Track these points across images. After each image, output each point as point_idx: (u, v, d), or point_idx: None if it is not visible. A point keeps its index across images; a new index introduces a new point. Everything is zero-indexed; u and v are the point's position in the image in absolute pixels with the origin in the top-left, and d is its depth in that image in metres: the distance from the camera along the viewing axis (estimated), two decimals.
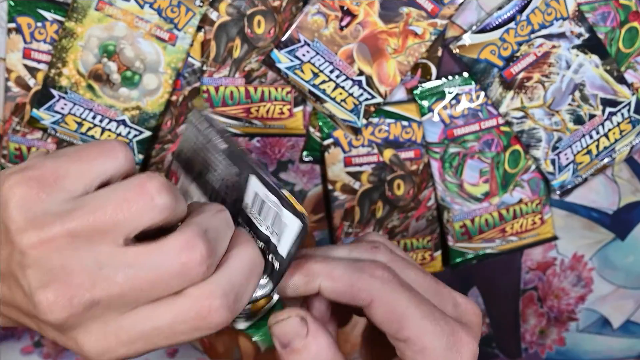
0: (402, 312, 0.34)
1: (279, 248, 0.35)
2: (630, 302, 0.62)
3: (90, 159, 0.30)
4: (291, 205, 0.34)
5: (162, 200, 0.29)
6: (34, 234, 0.29)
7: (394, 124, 0.53)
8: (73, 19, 0.48)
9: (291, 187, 0.56)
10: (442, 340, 0.34)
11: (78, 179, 0.30)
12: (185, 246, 0.30)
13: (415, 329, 0.34)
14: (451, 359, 0.34)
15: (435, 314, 0.35)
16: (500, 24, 0.51)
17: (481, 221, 0.56)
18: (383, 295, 0.35)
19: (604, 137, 0.54)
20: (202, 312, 0.30)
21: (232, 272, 0.31)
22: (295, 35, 0.50)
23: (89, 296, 0.29)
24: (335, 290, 0.35)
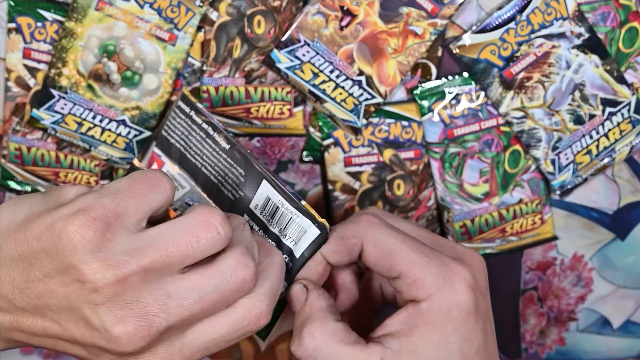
0: (390, 248, 0.37)
1: (295, 251, 0.38)
2: (630, 302, 0.62)
3: (143, 194, 0.33)
4: (311, 215, 0.37)
5: (225, 232, 0.33)
6: (110, 274, 0.31)
7: (394, 124, 0.53)
8: (73, 19, 0.48)
9: (291, 187, 0.56)
10: (433, 271, 0.36)
11: (135, 215, 0.32)
12: (238, 266, 0.33)
13: (405, 262, 0.36)
14: (444, 291, 0.35)
15: (424, 249, 0.37)
16: (500, 24, 0.51)
17: (481, 221, 0.56)
18: (370, 235, 0.37)
19: (604, 137, 0.54)
20: (254, 319, 0.34)
21: (271, 279, 0.35)
22: (295, 35, 0.50)
23: (163, 324, 0.32)
24: (331, 248, 0.38)
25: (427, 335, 0.35)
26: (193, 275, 0.33)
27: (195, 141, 0.42)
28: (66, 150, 0.53)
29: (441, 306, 0.35)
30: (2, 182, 0.53)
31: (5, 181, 0.53)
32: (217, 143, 0.41)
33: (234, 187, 0.41)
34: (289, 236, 0.39)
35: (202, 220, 0.32)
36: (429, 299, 0.35)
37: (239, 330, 0.34)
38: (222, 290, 0.33)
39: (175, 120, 0.44)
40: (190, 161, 0.43)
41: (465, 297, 0.35)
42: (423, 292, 0.36)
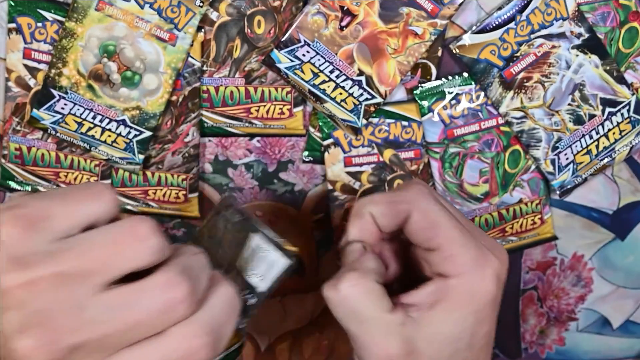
0: (436, 219, 0.37)
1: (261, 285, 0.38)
2: (630, 302, 0.62)
3: (77, 201, 0.30)
4: (283, 248, 0.37)
5: (153, 242, 0.29)
6: (18, 275, 0.28)
7: (394, 124, 0.53)
8: (73, 19, 0.48)
9: (291, 187, 0.56)
10: (470, 252, 0.37)
11: (64, 220, 0.29)
12: (167, 284, 0.29)
13: (446, 236, 0.37)
14: (475, 273, 0.37)
15: (465, 229, 0.38)
16: (500, 24, 0.51)
17: (481, 221, 0.56)
18: (419, 203, 0.38)
19: (604, 137, 0.54)
20: (187, 351, 0.30)
21: (214, 310, 0.31)
22: (295, 35, 0.50)
23: (70, 341, 0.28)
24: (380, 210, 0.38)
25: (449, 310, 0.37)
26: (114, 291, 0.29)
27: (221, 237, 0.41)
28: (66, 151, 0.53)
29: (469, 286, 0.37)
30: (2, 182, 0.53)
31: (6, 181, 0.53)
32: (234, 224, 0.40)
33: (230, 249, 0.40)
34: (256, 273, 0.38)
35: (128, 227, 0.29)
36: (459, 276, 0.37)
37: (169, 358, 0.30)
38: (144, 312, 0.29)
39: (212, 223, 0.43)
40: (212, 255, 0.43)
41: (491, 286, 0.37)
42: (456, 269, 0.37)
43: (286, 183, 0.56)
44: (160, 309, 0.29)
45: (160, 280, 0.29)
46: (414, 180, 0.41)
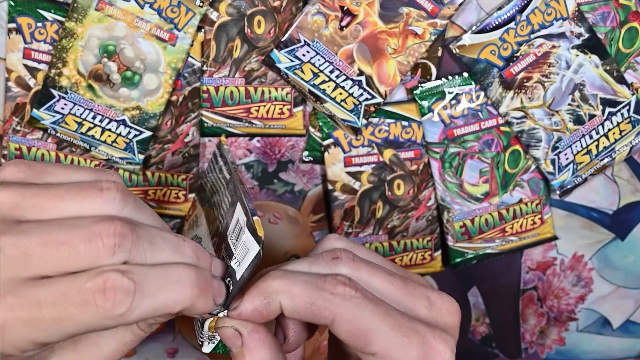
0: (367, 327, 0.33)
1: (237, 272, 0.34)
2: (630, 302, 0.62)
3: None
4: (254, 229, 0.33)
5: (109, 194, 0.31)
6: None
7: (394, 124, 0.53)
8: (73, 19, 0.48)
9: (291, 187, 0.56)
10: (412, 353, 0.33)
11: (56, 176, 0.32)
12: (102, 219, 0.29)
13: (382, 343, 0.33)
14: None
15: (404, 325, 0.34)
16: (500, 24, 0.51)
17: (481, 221, 0.56)
18: (345, 312, 0.33)
19: (604, 137, 0.54)
20: (98, 284, 0.28)
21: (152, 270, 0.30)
22: (295, 35, 0.50)
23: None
24: (296, 309, 0.33)
25: None
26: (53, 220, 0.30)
27: (215, 181, 0.42)
28: (66, 151, 0.53)
29: None
30: None
31: None
32: (224, 176, 0.40)
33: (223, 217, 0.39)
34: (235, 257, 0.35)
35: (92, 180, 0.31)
36: None
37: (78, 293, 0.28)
38: (70, 233, 0.29)
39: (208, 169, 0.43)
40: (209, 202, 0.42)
41: None
42: None
43: (286, 183, 0.56)
44: (85, 236, 0.29)
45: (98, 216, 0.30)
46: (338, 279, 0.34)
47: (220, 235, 0.38)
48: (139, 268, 0.29)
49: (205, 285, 0.32)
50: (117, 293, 0.28)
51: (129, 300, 0.29)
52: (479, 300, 0.61)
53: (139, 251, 0.30)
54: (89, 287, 0.28)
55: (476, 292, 0.61)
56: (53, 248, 0.29)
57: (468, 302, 0.61)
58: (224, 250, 0.37)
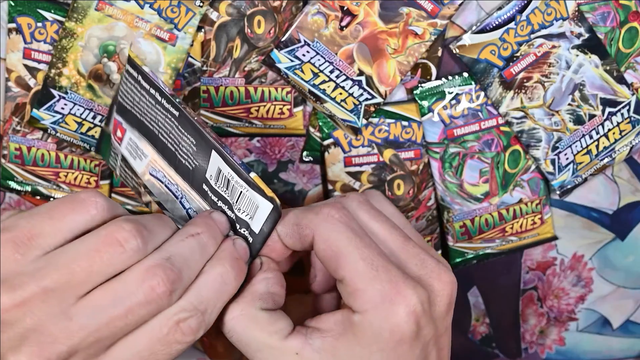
0: (340, 250, 0.34)
1: (252, 225, 0.36)
2: (630, 302, 0.62)
3: (62, 215, 0.32)
4: (260, 189, 0.34)
5: (132, 245, 0.31)
6: (8, 297, 0.29)
7: (394, 124, 0.53)
8: (73, 19, 0.48)
9: (291, 187, 0.56)
10: (376, 287, 0.33)
11: (52, 236, 0.31)
12: (145, 275, 0.31)
13: (349, 269, 0.34)
14: (381, 309, 0.33)
15: (377, 261, 0.34)
16: (500, 24, 0.51)
17: (481, 221, 0.56)
18: (324, 231, 0.35)
19: (604, 137, 0.54)
20: (174, 328, 0.32)
21: (201, 289, 0.33)
22: (295, 35, 0.50)
23: (62, 349, 0.30)
24: (284, 232, 0.36)
25: (351, 346, 0.34)
26: (96, 293, 0.31)
27: (147, 107, 0.39)
28: (66, 150, 0.53)
29: (372, 324, 0.33)
30: (2, 182, 0.53)
31: (6, 181, 0.53)
32: (167, 110, 0.38)
33: (189, 156, 0.38)
34: (243, 210, 0.36)
35: (104, 234, 0.31)
36: (362, 313, 0.34)
37: (160, 342, 0.32)
38: (127, 305, 0.30)
39: (127, 86, 0.41)
40: (147, 127, 0.40)
41: (401, 323, 0.33)
42: (359, 305, 0.34)
43: (286, 183, 0.56)
44: (142, 299, 0.31)
45: (138, 272, 0.31)
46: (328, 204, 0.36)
47: (194, 176, 0.38)
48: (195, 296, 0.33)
49: (239, 266, 0.35)
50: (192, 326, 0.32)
51: (203, 324, 0.33)
52: (479, 300, 0.61)
53: (185, 280, 0.33)
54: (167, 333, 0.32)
55: (476, 292, 0.61)
56: (118, 323, 0.31)
57: (468, 302, 0.61)
58: (210, 193, 0.37)
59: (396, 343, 0.33)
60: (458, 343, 0.63)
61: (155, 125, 0.39)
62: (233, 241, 0.36)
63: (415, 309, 0.33)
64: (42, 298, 0.30)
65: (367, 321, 0.34)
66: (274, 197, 0.34)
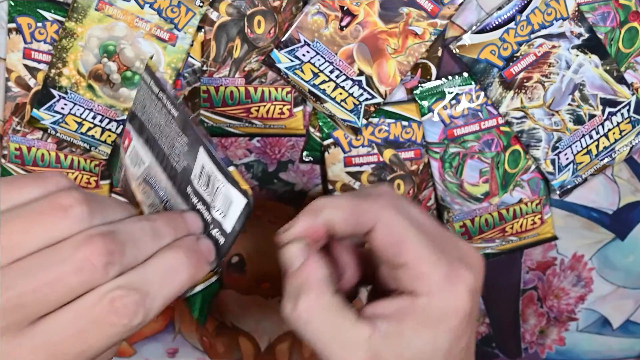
0: (402, 235, 0.35)
1: (224, 224, 0.35)
2: (630, 302, 0.62)
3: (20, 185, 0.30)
4: (235, 182, 0.33)
5: (75, 212, 0.29)
6: None
7: (394, 124, 0.53)
8: (73, 19, 0.48)
9: (291, 187, 0.56)
10: (440, 269, 0.35)
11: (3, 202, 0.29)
12: (81, 242, 0.29)
13: (413, 253, 0.35)
14: (446, 290, 0.35)
15: (435, 244, 0.36)
16: (500, 24, 0.51)
17: (481, 221, 0.56)
18: (385, 217, 0.35)
19: (604, 137, 0.54)
20: (107, 306, 0.29)
21: (146, 270, 0.30)
22: (295, 35, 0.50)
23: None
24: (341, 217, 0.36)
25: (418, 329, 0.35)
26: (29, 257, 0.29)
27: (154, 111, 0.40)
28: (66, 150, 0.53)
29: (439, 306, 0.35)
30: None
31: None
32: (169, 111, 0.38)
33: (180, 157, 0.38)
34: (218, 208, 0.35)
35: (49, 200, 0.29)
36: (429, 295, 0.35)
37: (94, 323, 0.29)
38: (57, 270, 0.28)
39: (140, 93, 0.41)
40: (150, 132, 0.40)
41: (464, 302, 0.35)
42: (425, 287, 0.35)
43: (286, 183, 0.56)
44: (73, 267, 0.28)
45: (76, 239, 0.29)
46: (383, 188, 0.38)
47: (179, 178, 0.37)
48: (136, 275, 0.30)
49: (196, 259, 0.33)
50: (128, 307, 0.29)
51: (142, 308, 0.29)
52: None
53: (128, 258, 0.30)
54: (99, 312, 0.29)
55: None
56: (46, 290, 0.28)
57: None
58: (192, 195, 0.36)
59: (460, 321, 0.35)
60: None
61: (157, 130, 0.39)
62: (197, 238, 0.35)
63: (472, 287, 0.35)
64: None
65: (434, 303, 0.35)
66: (248, 190, 0.33)
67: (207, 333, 0.60)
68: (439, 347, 0.35)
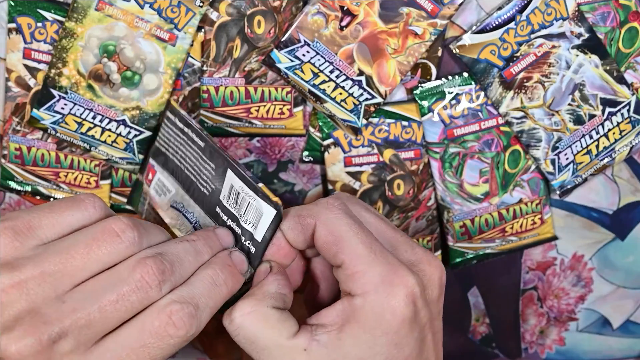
0: (340, 235, 0.36)
1: (256, 234, 0.38)
2: (630, 302, 0.62)
3: (61, 211, 0.33)
4: (266, 196, 0.36)
5: (128, 236, 0.33)
6: (6, 278, 0.31)
7: (394, 124, 0.53)
8: (73, 19, 0.48)
9: (291, 187, 0.56)
10: (376, 269, 0.35)
11: (50, 228, 0.33)
12: (136, 264, 0.32)
13: (349, 252, 0.35)
14: (381, 292, 0.34)
15: (375, 245, 0.35)
16: (500, 24, 0.51)
17: (481, 221, 0.56)
18: (325, 218, 0.36)
19: (604, 137, 0.54)
20: (166, 319, 0.32)
21: (193, 285, 0.34)
22: (295, 35, 0.50)
23: (54, 330, 0.30)
24: (289, 226, 0.37)
25: (357, 333, 0.34)
26: (91, 280, 0.32)
27: (179, 145, 0.44)
28: (66, 150, 0.53)
29: (374, 306, 0.34)
30: (2, 182, 0.53)
31: (6, 181, 0.53)
32: (195, 143, 0.42)
33: (207, 182, 0.41)
34: (249, 221, 0.38)
35: (102, 226, 0.33)
36: (363, 295, 0.34)
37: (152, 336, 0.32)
38: (117, 290, 0.32)
39: (165, 130, 0.46)
40: (176, 164, 0.44)
41: (402, 305, 0.34)
42: (359, 287, 0.35)
43: (286, 183, 0.56)
44: (131, 287, 0.32)
45: (130, 262, 0.32)
46: (336, 194, 0.39)
47: (209, 200, 0.41)
48: (186, 291, 0.34)
49: (230, 272, 0.36)
50: (184, 319, 0.32)
51: (195, 320, 0.33)
52: (479, 300, 0.61)
53: (176, 276, 0.34)
54: (159, 325, 0.32)
55: (476, 292, 0.61)
56: (109, 308, 0.32)
57: (468, 302, 0.61)
58: (221, 213, 0.40)
59: (398, 325, 0.34)
60: (458, 343, 0.63)
61: (183, 162, 0.43)
62: (230, 252, 0.38)
63: (413, 291, 0.35)
64: (39, 281, 0.31)
65: (368, 303, 0.34)
66: (278, 201, 0.36)
67: (207, 333, 0.60)
68: (378, 352, 0.34)
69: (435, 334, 0.37)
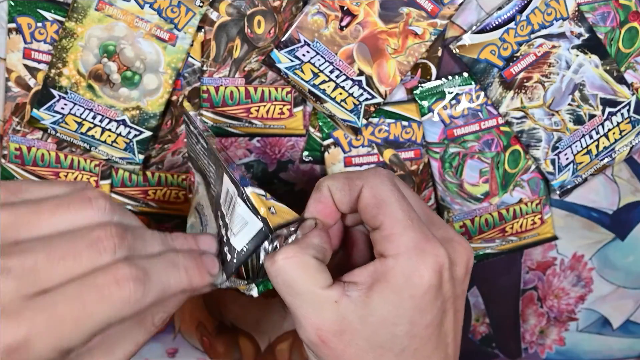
0: (383, 198, 0.37)
1: (235, 243, 0.37)
2: (630, 302, 0.62)
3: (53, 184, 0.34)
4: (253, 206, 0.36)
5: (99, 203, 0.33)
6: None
7: (394, 124, 0.53)
8: (73, 19, 0.48)
9: (291, 187, 0.56)
10: (411, 235, 0.36)
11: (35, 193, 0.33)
12: (97, 226, 0.32)
13: (389, 215, 0.36)
14: (413, 256, 0.35)
15: (413, 214, 0.37)
16: (500, 24, 0.51)
17: (481, 221, 0.56)
18: (371, 180, 0.38)
19: (604, 137, 0.54)
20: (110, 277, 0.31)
21: (151, 260, 0.34)
22: (295, 35, 0.50)
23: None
24: (336, 186, 0.39)
25: (385, 293, 0.35)
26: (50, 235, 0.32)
27: (196, 147, 0.44)
28: (66, 150, 0.53)
29: (405, 268, 0.35)
30: None
31: None
32: (203, 146, 0.42)
33: (215, 184, 0.41)
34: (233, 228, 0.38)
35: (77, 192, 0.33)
36: (395, 257, 0.36)
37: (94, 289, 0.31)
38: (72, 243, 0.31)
39: (187, 136, 0.46)
40: (200, 166, 0.45)
41: (430, 272, 0.35)
42: (393, 248, 0.36)
43: (286, 183, 0.56)
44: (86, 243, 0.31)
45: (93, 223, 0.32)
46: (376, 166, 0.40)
47: (215, 204, 0.41)
48: (140, 260, 0.33)
49: (195, 264, 0.36)
50: (130, 281, 0.31)
51: (142, 285, 0.32)
52: (479, 300, 0.61)
53: (135, 248, 0.33)
54: (101, 282, 0.31)
55: (476, 292, 0.61)
56: (59, 260, 0.31)
57: (468, 302, 0.61)
58: (220, 218, 0.40)
59: (424, 290, 0.35)
60: None
61: (202, 163, 0.44)
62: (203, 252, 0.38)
63: (442, 263, 0.36)
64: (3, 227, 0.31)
65: (399, 265, 0.35)
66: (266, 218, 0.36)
67: (207, 333, 0.60)
68: (402, 314, 0.35)
69: (456, 312, 0.38)
